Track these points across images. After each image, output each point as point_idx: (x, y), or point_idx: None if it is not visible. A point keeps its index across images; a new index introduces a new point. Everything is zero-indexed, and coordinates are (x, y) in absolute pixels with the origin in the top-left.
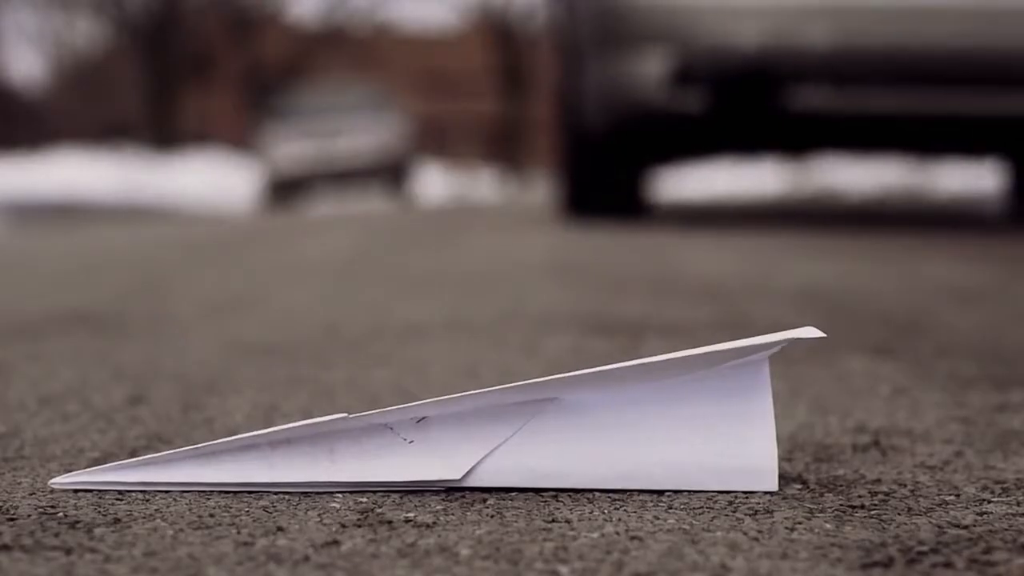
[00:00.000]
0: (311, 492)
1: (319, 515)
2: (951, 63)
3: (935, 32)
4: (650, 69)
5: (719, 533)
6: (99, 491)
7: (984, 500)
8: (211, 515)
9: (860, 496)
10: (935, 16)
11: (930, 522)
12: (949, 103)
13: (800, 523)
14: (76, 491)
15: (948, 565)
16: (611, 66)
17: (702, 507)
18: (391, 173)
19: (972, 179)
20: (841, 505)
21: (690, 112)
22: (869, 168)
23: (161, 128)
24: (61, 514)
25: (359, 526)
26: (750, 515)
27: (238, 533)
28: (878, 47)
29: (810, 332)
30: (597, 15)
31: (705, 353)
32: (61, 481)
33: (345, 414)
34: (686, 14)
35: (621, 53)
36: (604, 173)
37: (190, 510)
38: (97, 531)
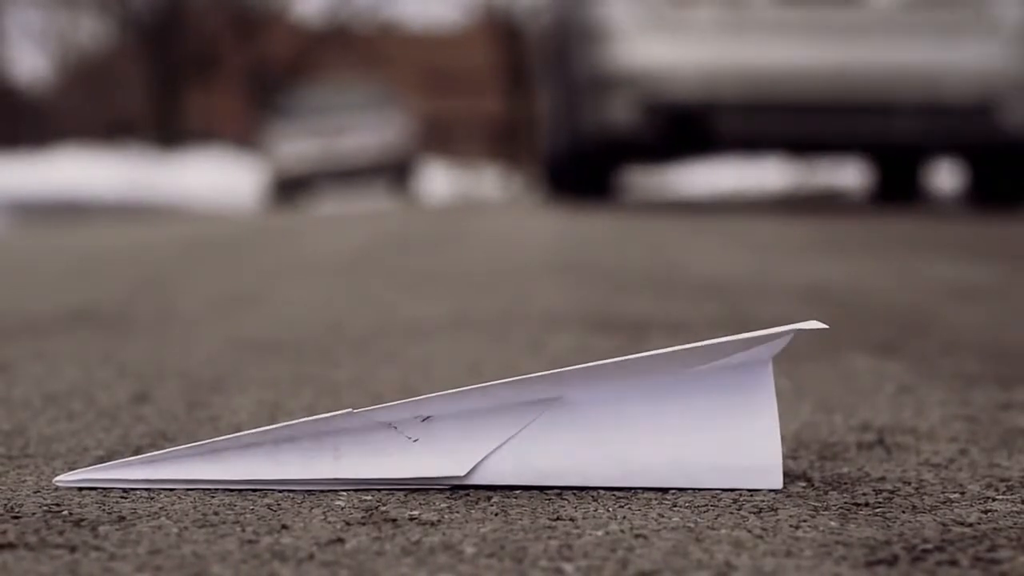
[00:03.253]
0: (315, 490)
1: (324, 513)
2: (825, 104)
3: (812, 86)
4: (622, 110)
5: (724, 531)
6: (104, 489)
7: (989, 498)
8: (215, 513)
9: (865, 494)
10: (811, 77)
11: (935, 520)
12: (827, 127)
13: (805, 521)
14: (81, 489)
15: (953, 563)
16: (597, 107)
17: (707, 505)
18: (395, 171)
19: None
20: (846, 503)
21: (646, 139)
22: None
23: (166, 126)
24: (66, 512)
25: (364, 524)
26: (755, 513)
27: (243, 531)
28: (774, 95)
29: (813, 324)
30: (588, 74)
31: (711, 345)
32: (66, 479)
33: (351, 409)
34: (647, 76)
35: (604, 98)
36: (590, 172)
37: (194, 508)
38: (102, 529)
